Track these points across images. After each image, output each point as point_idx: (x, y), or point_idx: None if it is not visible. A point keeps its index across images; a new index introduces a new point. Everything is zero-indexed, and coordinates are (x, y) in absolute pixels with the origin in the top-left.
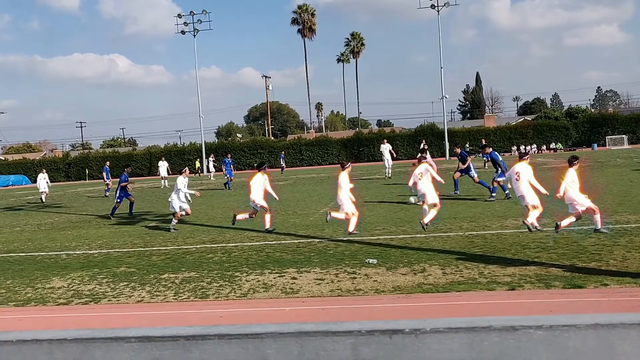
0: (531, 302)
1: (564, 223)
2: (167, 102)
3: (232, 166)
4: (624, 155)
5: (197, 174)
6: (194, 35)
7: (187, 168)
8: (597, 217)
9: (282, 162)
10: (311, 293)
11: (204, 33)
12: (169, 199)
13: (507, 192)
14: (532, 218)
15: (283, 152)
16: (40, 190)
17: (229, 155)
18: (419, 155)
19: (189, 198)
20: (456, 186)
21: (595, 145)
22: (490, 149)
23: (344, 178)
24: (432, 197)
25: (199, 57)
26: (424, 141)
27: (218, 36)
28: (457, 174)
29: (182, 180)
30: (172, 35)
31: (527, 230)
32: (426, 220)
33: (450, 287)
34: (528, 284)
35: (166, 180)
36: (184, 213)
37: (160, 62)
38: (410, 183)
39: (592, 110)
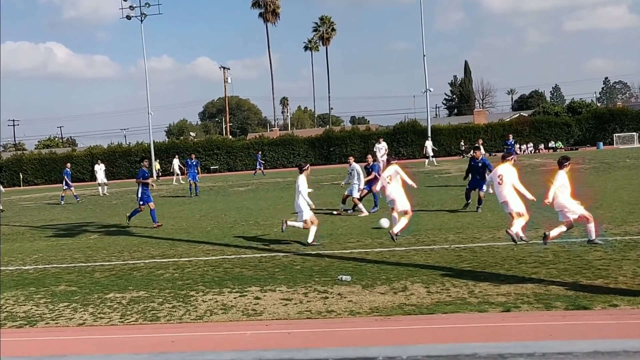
0: (528, 325)
1: (554, 233)
2: (112, 97)
3: (198, 168)
4: (634, 155)
5: (158, 178)
6: (141, 21)
7: (308, 164)
8: (591, 226)
9: (258, 164)
10: (276, 315)
11: (153, 18)
12: (298, 209)
13: (468, 202)
14: (517, 227)
15: (260, 153)
16: None
17: (193, 156)
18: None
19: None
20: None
21: (602, 144)
22: (482, 154)
23: (302, 182)
24: (402, 203)
25: (148, 45)
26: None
27: (169, 22)
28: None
29: (303, 180)
30: (117, 21)
31: (512, 241)
32: (396, 229)
33: (436, 308)
34: (525, 304)
35: (105, 187)
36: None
37: (103, 51)
38: (379, 187)
39: (598, 104)
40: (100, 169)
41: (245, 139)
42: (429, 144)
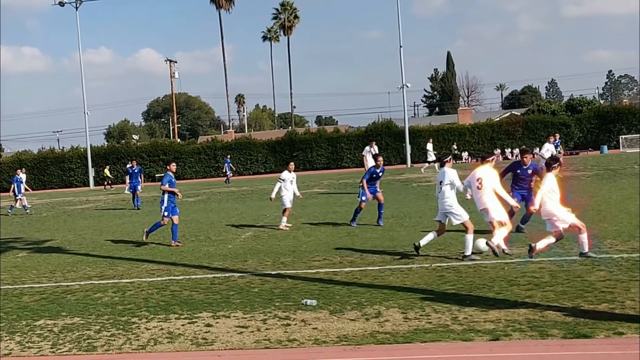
0: (520, 355)
1: (541, 245)
2: (42, 95)
3: (141, 176)
4: None
5: (107, 186)
6: (76, 7)
7: (450, 157)
8: (584, 237)
9: (227, 170)
10: (231, 345)
11: (90, 4)
12: (453, 210)
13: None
14: (499, 238)
15: (229, 157)
16: None
17: (135, 163)
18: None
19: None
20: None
21: (606, 147)
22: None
23: (454, 176)
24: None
25: (84, 35)
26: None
27: (108, 8)
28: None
29: (455, 175)
30: (49, 8)
31: (494, 254)
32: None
33: (414, 336)
34: (517, 332)
35: (25, 198)
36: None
37: (33, 42)
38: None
39: (601, 101)
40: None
41: (196, 142)
42: (430, 146)
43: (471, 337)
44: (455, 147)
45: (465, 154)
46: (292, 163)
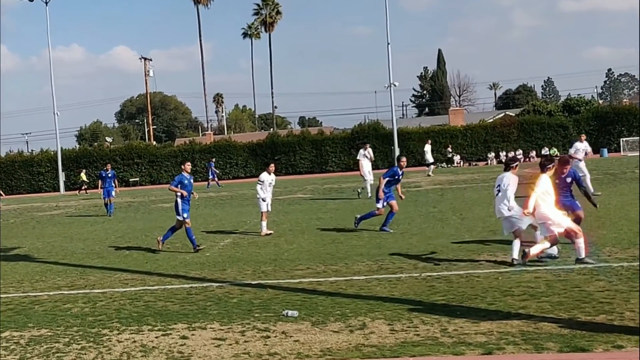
0: None
1: (534, 250)
2: (10, 95)
3: (115, 181)
4: None
5: (81, 191)
6: (46, 3)
7: (517, 163)
8: (580, 241)
9: (211, 173)
10: (207, 358)
11: None
12: (514, 215)
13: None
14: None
15: (213, 160)
16: None
17: (109, 167)
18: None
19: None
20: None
21: (605, 150)
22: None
23: (513, 182)
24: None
25: (54, 32)
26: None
27: (80, 3)
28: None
29: (515, 181)
30: (17, 4)
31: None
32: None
33: (402, 349)
34: (510, 345)
35: None
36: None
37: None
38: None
39: (600, 101)
40: None
41: (173, 145)
42: (427, 147)
43: (462, 350)
44: (451, 150)
45: (457, 158)
46: (272, 164)
